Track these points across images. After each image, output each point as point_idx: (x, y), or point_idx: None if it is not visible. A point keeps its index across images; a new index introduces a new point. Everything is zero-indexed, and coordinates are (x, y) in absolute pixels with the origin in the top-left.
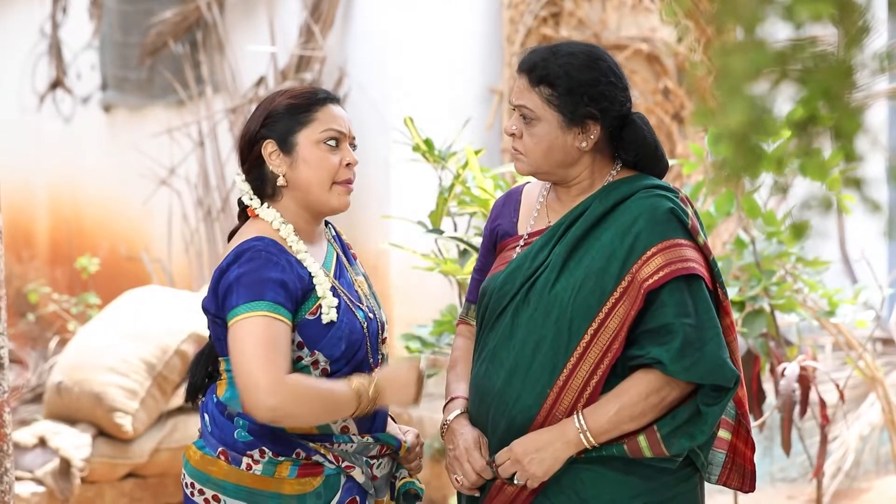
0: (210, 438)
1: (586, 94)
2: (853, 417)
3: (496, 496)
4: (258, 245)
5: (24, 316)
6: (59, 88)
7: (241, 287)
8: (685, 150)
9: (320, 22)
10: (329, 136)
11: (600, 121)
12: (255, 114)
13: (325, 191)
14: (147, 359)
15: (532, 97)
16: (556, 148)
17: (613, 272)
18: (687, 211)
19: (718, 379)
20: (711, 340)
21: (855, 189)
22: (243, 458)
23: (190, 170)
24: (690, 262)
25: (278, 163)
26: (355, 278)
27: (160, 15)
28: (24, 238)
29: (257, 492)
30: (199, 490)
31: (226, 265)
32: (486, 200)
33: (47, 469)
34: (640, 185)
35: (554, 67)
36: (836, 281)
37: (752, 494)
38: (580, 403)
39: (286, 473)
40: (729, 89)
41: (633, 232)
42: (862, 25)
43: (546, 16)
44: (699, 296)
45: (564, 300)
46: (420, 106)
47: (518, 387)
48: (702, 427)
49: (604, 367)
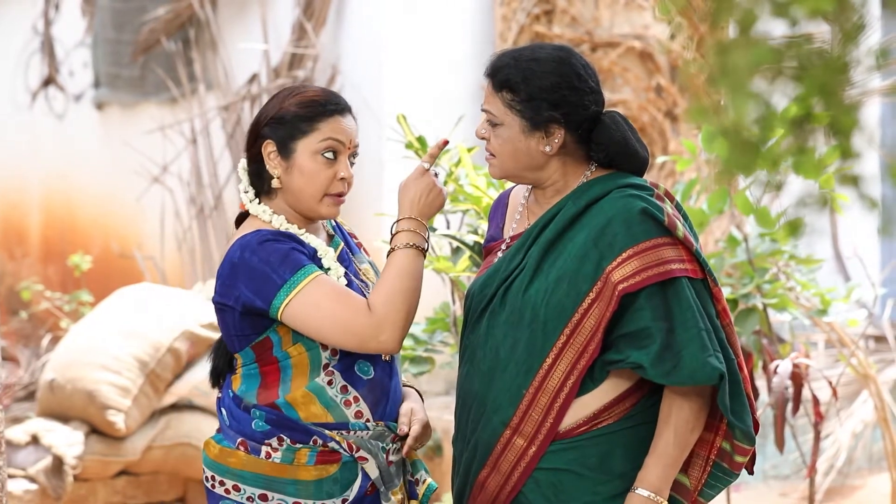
0: (229, 431)
1: (546, 99)
2: (846, 415)
3: (478, 495)
4: (261, 230)
5: (17, 313)
6: (52, 86)
7: (276, 268)
8: (678, 147)
9: (313, 19)
10: (327, 148)
11: (564, 125)
12: (268, 107)
13: (316, 201)
14: (140, 356)
15: (496, 102)
16: (521, 152)
17: (587, 274)
18: (662, 207)
19: (700, 380)
20: (691, 342)
21: (851, 186)
22: (262, 447)
23: (183, 167)
24: (669, 265)
25: (275, 164)
26: (360, 266)
27: (153, 12)
28: (16, 235)
29: (276, 479)
30: (220, 481)
31: (237, 258)
32: (478, 198)
33: (40, 467)
34: (614, 184)
35: (515, 73)
36: (829, 279)
37: (746, 492)
38: (556, 404)
39: (305, 460)
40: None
41: (607, 233)
42: (857, 22)
43: (539, 13)
44: (678, 297)
45: (538, 302)
46: (413, 103)
47: (495, 388)
48: (740, 409)
49: (580, 369)
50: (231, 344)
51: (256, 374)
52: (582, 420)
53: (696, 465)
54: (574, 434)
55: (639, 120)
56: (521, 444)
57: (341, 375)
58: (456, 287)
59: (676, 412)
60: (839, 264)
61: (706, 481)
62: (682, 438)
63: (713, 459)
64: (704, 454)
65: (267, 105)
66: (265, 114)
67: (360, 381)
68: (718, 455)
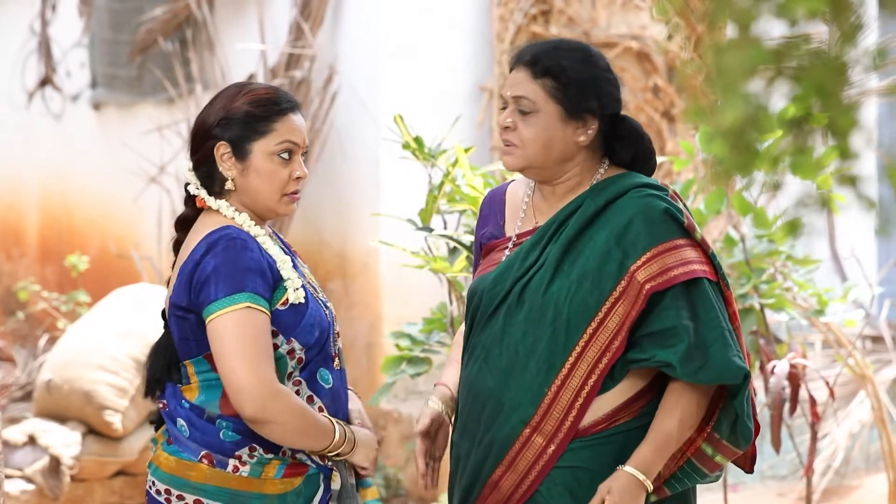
0: (189, 443)
1: (589, 87)
2: (843, 415)
3: (490, 495)
4: (230, 233)
5: (14, 314)
6: (49, 86)
7: (220, 279)
8: (675, 147)
9: (310, 20)
10: (284, 149)
11: (598, 116)
12: (214, 107)
13: (275, 201)
14: (137, 356)
15: (534, 88)
16: (556, 140)
17: (611, 272)
18: (680, 208)
19: (726, 378)
20: (716, 341)
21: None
22: (230, 459)
23: (180, 167)
24: (692, 265)
25: (229, 166)
26: (306, 273)
27: (150, 13)
28: (13, 236)
29: (241, 493)
30: (178, 496)
31: (199, 257)
32: (475, 198)
33: (37, 467)
34: (631, 183)
35: (558, 60)
36: (826, 279)
37: (743, 492)
38: (577, 402)
39: (273, 474)
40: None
41: (629, 232)
42: (855, 22)
43: (536, 13)
44: (702, 297)
45: (560, 300)
46: (410, 104)
47: (514, 387)
48: (742, 416)
49: (602, 367)
50: (185, 350)
51: (217, 384)
52: (601, 418)
53: (672, 456)
54: (592, 432)
55: (636, 120)
56: (540, 443)
57: (307, 385)
58: (453, 287)
59: (684, 405)
60: (836, 265)
61: (674, 474)
62: (681, 431)
63: (688, 456)
64: (683, 448)
65: (213, 105)
66: (213, 114)
67: (323, 389)
68: (695, 454)
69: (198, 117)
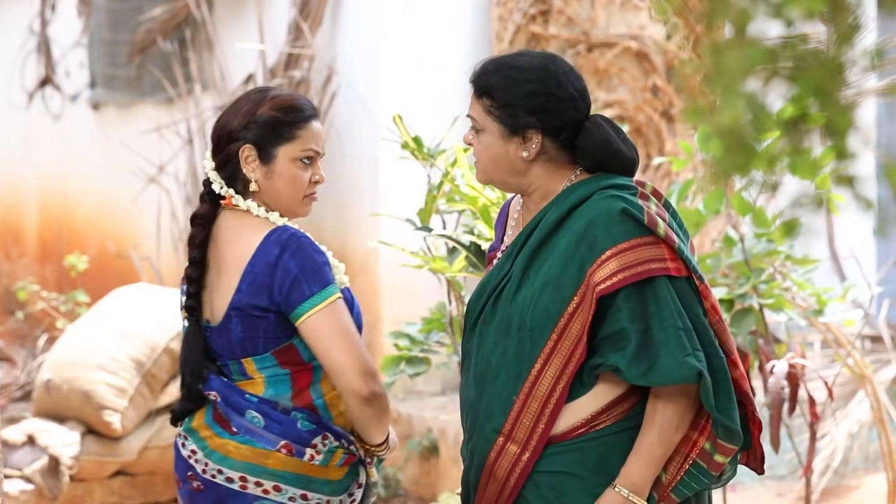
0: (266, 434)
1: (523, 105)
2: (842, 415)
3: (480, 502)
4: (295, 231)
5: (13, 314)
6: (48, 86)
7: (309, 277)
8: (674, 147)
9: (309, 19)
10: (307, 155)
11: (541, 131)
12: (239, 110)
13: (296, 203)
14: (136, 356)
15: (477, 108)
16: (501, 157)
17: (571, 278)
18: (643, 206)
19: (678, 379)
20: (668, 341)
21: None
22: (307, 449)
23: (179, 167)
24: (647, 265)
25: (253, 168)
26: None
27: (149, 12)
28: (12, 236)
29: (314, 479)
30: (256, 482)
31: (274, 258)
32: (474, 198)
33: (36, 467)
34: (597, 186)
35: (494, 79)
36: (825, 279)
37: (742, 492)
38: (547, 409)
39: (337, 462)
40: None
41: (588, 236)
42: (852, 22)
43: (535, 13)
44: (656, 296)
45: (525, 309)
46: (409, 103)
47: (487, 396)
48: (727, 406)
49: (568, 374)
50: (248, 347)
51: (286, 378)
52: (579, 423)
53: (674, 461)
54: (572, 436)
55: (635, 120)
56: (514, 451)
57: None
58: (452, 287)
59: (661, 412)
60: (835, 265)
61: (681, 479)
62: (665, 439)
63: (693, 458)
64: (685, 451)
65: (237, 108)
66: (238, 117)
67: None
68: (699, 454)
69: (220, 119)
